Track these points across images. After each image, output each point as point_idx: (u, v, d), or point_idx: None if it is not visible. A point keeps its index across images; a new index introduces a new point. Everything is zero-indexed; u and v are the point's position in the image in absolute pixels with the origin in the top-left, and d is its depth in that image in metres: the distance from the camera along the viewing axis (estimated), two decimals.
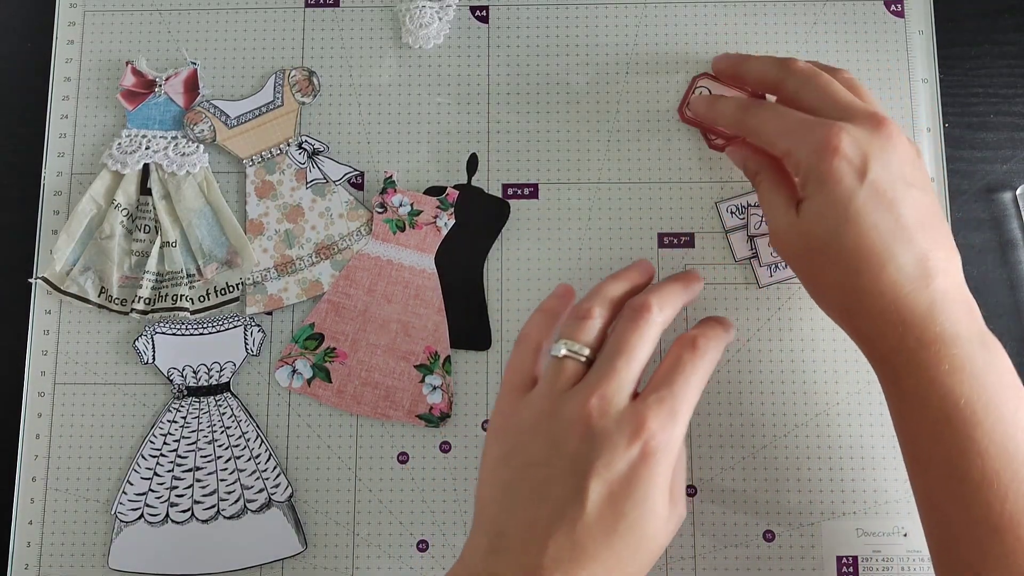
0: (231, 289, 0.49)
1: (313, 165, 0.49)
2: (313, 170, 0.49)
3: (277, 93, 0.50)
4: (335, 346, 0.48)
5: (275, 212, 0.49)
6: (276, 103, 0.50)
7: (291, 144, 0.50)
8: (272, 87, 0.50)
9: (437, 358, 0.48)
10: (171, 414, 0.48)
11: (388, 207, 0.49)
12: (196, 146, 0.50)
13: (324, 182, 0.49)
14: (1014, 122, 0.52)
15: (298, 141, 0.50)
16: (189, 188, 0.50)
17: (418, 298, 0.49)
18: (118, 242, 0.49)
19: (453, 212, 0.49)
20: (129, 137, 0.51)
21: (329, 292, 0.49)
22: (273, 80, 0.50)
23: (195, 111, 0.50)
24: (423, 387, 0.48)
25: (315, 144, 0.49)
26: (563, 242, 0.50)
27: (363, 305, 0.49)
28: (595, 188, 0.50)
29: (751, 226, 0.49)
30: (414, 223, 0.49)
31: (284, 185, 0.49)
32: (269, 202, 0.49)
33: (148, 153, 0.50)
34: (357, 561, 0.47)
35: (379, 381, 0.48)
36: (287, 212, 0.49)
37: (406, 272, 0.49)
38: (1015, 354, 0.49)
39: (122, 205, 0.50)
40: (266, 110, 0.50)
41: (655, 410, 0.37)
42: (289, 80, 0.50)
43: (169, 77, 0.51)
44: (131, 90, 0.51)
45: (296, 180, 0.49)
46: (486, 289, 0.49)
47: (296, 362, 0.48)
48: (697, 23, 0.52)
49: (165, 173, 0.50)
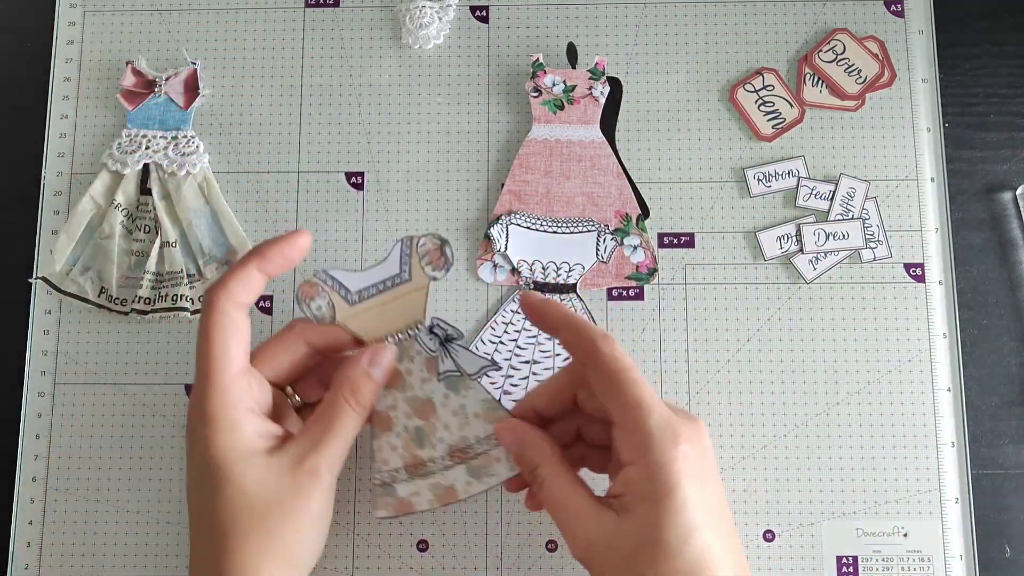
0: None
1: (446, 354, 0.42)
2: (446, 360, 0.42)
3: (404, 265, 0.42)
4: None
5: (404, 405, 0.42)
6: (403, 277, 0.42)
7: (421, 328, 0.42)
8: (398, 257, 0.42)
9: (629, 219, 0.49)
10: (515, 304, 0.49)
11: (542, 89, 0.50)
12: (196, 145, 0.50)
13: (458, 375, 0.42)
14: (1014, 122, 0.52)
15: (429, 324, 0.42)
16: (189, 188, 0.50)
17: (595, 168, 0.49)
18: (118, 242, 0.49)
19: (606, 79, 0.50)
20: (129, 137, 0.51)
21: (508, 182, 0.50)
22: (399, 249, 0.42)
23: (311, 284, 0.41)
24: (624, 249, 0.49)
25: (448, 330, 0.42)
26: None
27: (544, 188, 0.49)
28: None
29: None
30: (571, 99, 0.50)
31: (413, 375, 0.42)
32: (397, 393, 0.42)
33: (148, 153, 0.50)
34: (357, 561, 0.47)
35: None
36: (417, 407, 0.42)
37: (576, 147, 0.50)
38: (1015, 354, 0.50)
39: (122, 205, 0.50)
40: (391, 284, 0.42)
41: (194, 388, 0.39)
42: (418, 250, 0.42)
43: (169, 77, 0.51)
44: (131, 90, 0.51)
45: (427, 370, 0.42)
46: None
47: (495, 257, 0.49)
48: (697, 23, 0.52)
49: (165, 173, 0.50)
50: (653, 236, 0.50)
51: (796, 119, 0.51)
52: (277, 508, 0.37)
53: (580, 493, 0.37)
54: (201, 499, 0.38)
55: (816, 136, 0.51)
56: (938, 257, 0.50)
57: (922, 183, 0.50)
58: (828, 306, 0.49)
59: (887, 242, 0.50)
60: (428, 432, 0.41)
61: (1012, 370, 0.49)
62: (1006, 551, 0.47)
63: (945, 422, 0.48)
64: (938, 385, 0.48)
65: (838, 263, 0.49)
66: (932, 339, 0.49)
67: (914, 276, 0.49)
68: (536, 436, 0.39)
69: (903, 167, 0.50)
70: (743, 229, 0.50)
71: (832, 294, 0.49)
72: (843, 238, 0.49)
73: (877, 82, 0.51)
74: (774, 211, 0.50)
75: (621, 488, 0.37)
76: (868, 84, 0.51)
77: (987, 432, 0.49)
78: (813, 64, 0.51)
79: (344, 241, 0.50)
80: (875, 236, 0.50)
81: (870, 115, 0.51)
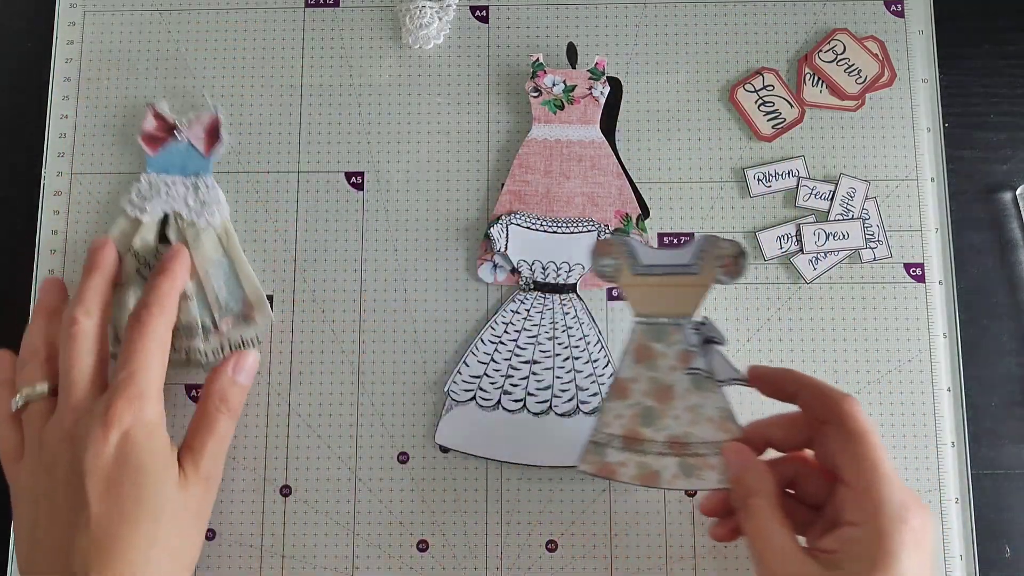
0: (247, 344, 0.48)
1: (703, 353, 0.43)
2: (700, 359, 0.43)
3: (696, 259, 0.43)
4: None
5: (644, 384, 0.43)
6: (692, 269, 0.43)
7: (689, 320, 0.43)
8: (696, 250, 0.43)
9: (629, 219, 0.49)
10: (515, 304, 0.49)
11: (542, 89, 0.50)
12: (216, 194, 0.49)
13: (706, 376, 0.42)
14: (1014, 122, 0.52)
15: (698, 320, 0.43)
16: (208, 239, 0.49)
17: (595, 168, 0.49)
18: (132, 291, 0.48)
19: (606, 79, 0.50)
20: (149, 182, 0.49)
21: (508, 182, 0.50)
22: (700, 243, 0.43)
23: (608, 243, 0.44)
24: None
25: (713, 333, 0.43)
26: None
27: (544, 188, 0.49)
28: None
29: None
30: (571, 99, 0.50)
31: (665, 359, 0.43)
32: (643, 370, 0.43)
33: (168, 200, 0.49)
34: (357, 561, 0.47)
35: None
36: (656, 389, 0.43)
37: (576, 147, 0.50)
38: (1015, 354, 0.50)
39: (139, 253, 0.48)
40: (679, 272, 0.43)
41: (120, 392, 0.41)
42: (715, 250, 0.43)
43: (191, 122, 0.50)
44: (152, 134, 0.50)
45: (679, 360, 0.43)
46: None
47: (495, 256, 0.49)
48: (697, 23, 0.52)
49: (184, 222, 0.49)
50: (653, 236, 0.50)
51: (796, 119, 0.51)
52: (169, 504, 0.41)
53: (788, 535, 0.37)
54: (120, 504, 0.40)
55: (816, 136, 0.51)
56: (938, 257, 0.50)
57: (922, 183, 0.50)
58: (828, 306, 0.49)
59: (887, 242, 0.50)
60: (657, 415, 0.43)
61: (1012, 370, 0.49)
62: (1006, 551, 0.47)
63: (945, 422, 0.48)
64: (938, 385, 0.48)
65: (838, 263, 0.49)
66: (932, 339, 0.49)
67: (914, 276, 0.49)
68: (761, 466, 0.40)
69: (903, 167, 0.50)
70: (743, 229, 0.50)
71: (832, 294, 0.49)
72: (843, 238, 0.49)
73: (877, 82, 0.51)
74: (774, 211, 0.50)
75: (835, 545, 0.36)
76: (868, 84, 0.51)
77: (987, 432, 0.49)
78: (813, 64, 0.51)
79: (344, 241, 0.50)
80: (875, 236, 0.50)
81: (870, 115, 0.51)
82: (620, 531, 0.47)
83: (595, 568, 0.47)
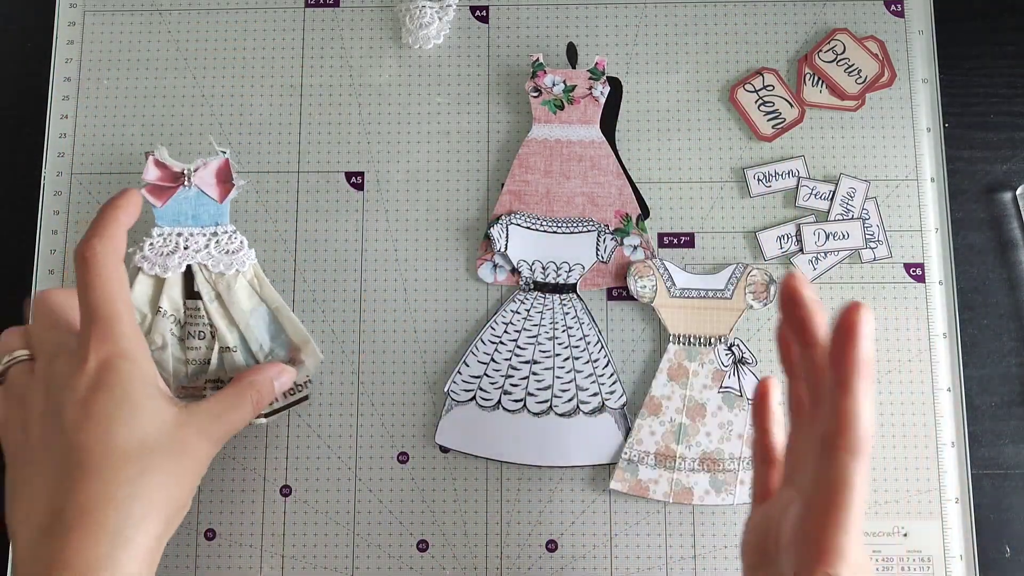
0: (298, 389, 0.47)
1: (734, 372, 0.47)
2: (732, 377, 0.47)
3: (731, 284, 0.48)
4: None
5: (678, 401, 0.47)
6: (725, 294, 0.48)
7: (722, 342, 0.47)
8: (728, 276, 0.48)
9: (629, 219, 0.49)
10: (515, 304, 0.49)
11: (542, 89, 0.50)
12: (240, 242, 0.47)
13: (738, 395, 0.47)
14: (1014, 122, 0.52)
15: (730, 342, 0.47)
16: (241, 289, 0.47)
17: (595, 168, 0.50)
18: (171, 352, 0.46)
19: (606, 79, 0.50)
20: (162, 236, 0.46)
21: (508, 182, 0.50)
22: (732, 271, 0.48)
23: (647, 265, 0.48)
24: (624, 249, 0.49)
25: (745, 354, 0.47)
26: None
27: (544, 188, 0.49)
28: None
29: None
30: (571, 99, 0.50)
31: (698, 378, 0.47)
32: (677, 387, 0.47)
33: (188, 253, 0.46)
34: (357, 561, 0.47)
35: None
36: (689, 406, 0.47)
37: (576, 147, 0.50)
38: (1015, 354, 0.50)
39: (168, 312, 0.46)
40: (712, 295, 0.48)
41: (86, 324, 0.39)
42: (748, 278, 0.48)
43: (198, 168, 0.46)
44: (157, 185, 0.46)
45: (711, 379, 0.47)
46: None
47: (495, 256, 0.49)
48: (697, 23, 0.52)
49: (212, 274, 0.46)
50: (653, 236, 0.50)
51: (796, 119, 0.51)
52: (168, 451, 0.39)
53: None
54: (100, 429, 0.38)
55: (816, 136, 0.51)
56: (938, 257, 0.50)
57: (922, 183, 0.50)
58: (828, 306, 0.49)
59: (887, 242, 0.50)
60: (690, 433, 0.46)
61: (1012, 370, 0.49)
62: (1006, 551, 0.47)
63: (945, 422, 0.48)
64: (938, 385, 0.48)
65: (838, 263, 0.49)
66: (932, 339, 0.49)
67: (914, 276, 0.49)
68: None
69: (903, 167, 0.50)
70: (743, 229, 0.50)
71: (832, 294, 0.49)
72: (843, 238, 0.49)
73: (877, 82, 0.51)
74: (774, 211, 0.50)
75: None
76: (868, 84, 0.51)
77: (987, 432, 0.49)
78: (813, 64, 0.51)
79: (344, 241, 0.50)
80: (875, 236, 0.50)
81: (870, 115, 0.51)
82: (620, 531, 0.47)
83: (595, 568, 0.47)
